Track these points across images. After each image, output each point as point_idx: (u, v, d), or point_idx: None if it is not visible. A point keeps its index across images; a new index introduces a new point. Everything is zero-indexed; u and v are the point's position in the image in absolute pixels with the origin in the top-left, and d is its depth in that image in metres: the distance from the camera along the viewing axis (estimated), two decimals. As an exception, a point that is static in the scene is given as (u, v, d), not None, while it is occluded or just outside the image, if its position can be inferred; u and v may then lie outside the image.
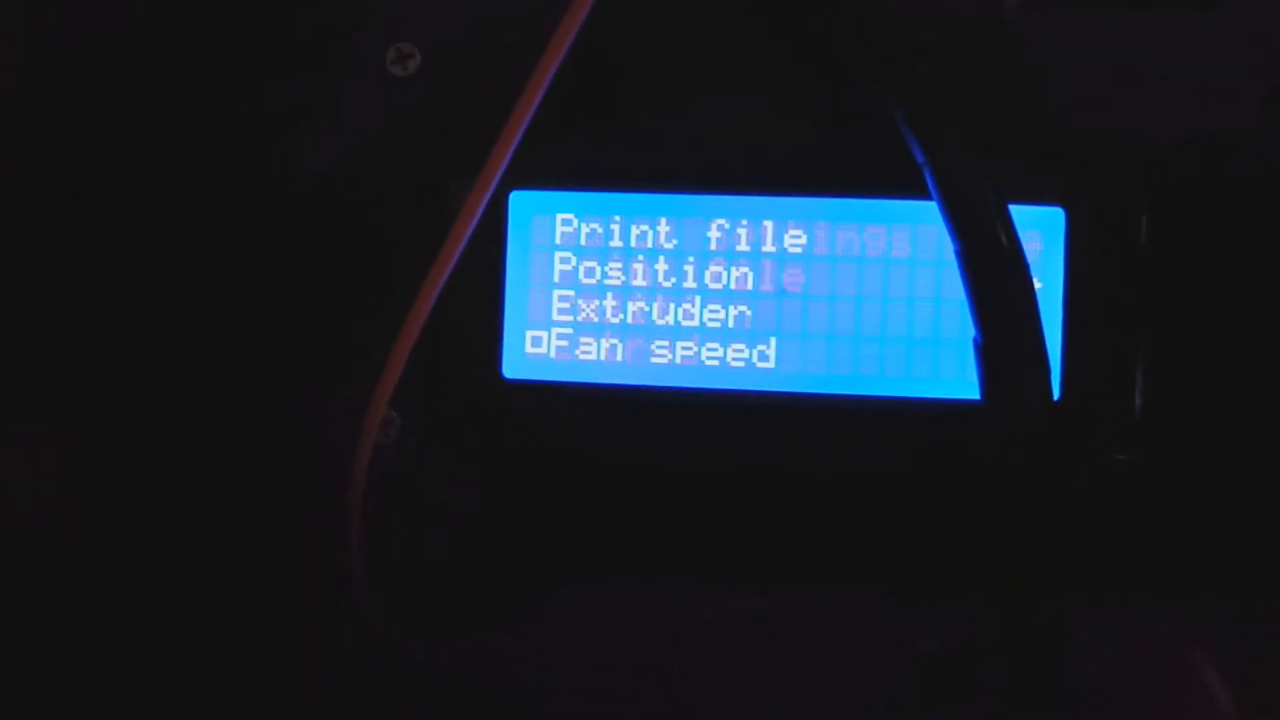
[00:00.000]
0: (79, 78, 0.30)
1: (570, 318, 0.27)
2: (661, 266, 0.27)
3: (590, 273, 0.27)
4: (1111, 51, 0.26)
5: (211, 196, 0.29)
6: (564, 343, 0.27)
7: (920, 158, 0.23)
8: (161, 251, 0.29)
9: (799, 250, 0.27)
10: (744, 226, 0.27)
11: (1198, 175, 0.26)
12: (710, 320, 0.27)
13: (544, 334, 0.27)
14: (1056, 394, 0.26)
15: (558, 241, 0.27)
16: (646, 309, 0.27)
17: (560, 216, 0.27)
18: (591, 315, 0.27)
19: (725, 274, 0.27)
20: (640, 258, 0.27)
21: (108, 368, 0.30)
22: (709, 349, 0.27)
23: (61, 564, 0.30)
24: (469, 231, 0.24)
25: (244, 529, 0.29)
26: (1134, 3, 0.28)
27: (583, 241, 0.27)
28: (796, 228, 0.27)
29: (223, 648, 0.30)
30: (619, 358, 0.27)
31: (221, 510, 0.30)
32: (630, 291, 0.27)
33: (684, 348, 0.27)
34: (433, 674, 0.29)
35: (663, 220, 0.27)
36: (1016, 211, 0.26)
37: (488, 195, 0.24)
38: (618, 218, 0.27)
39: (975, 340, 0.22)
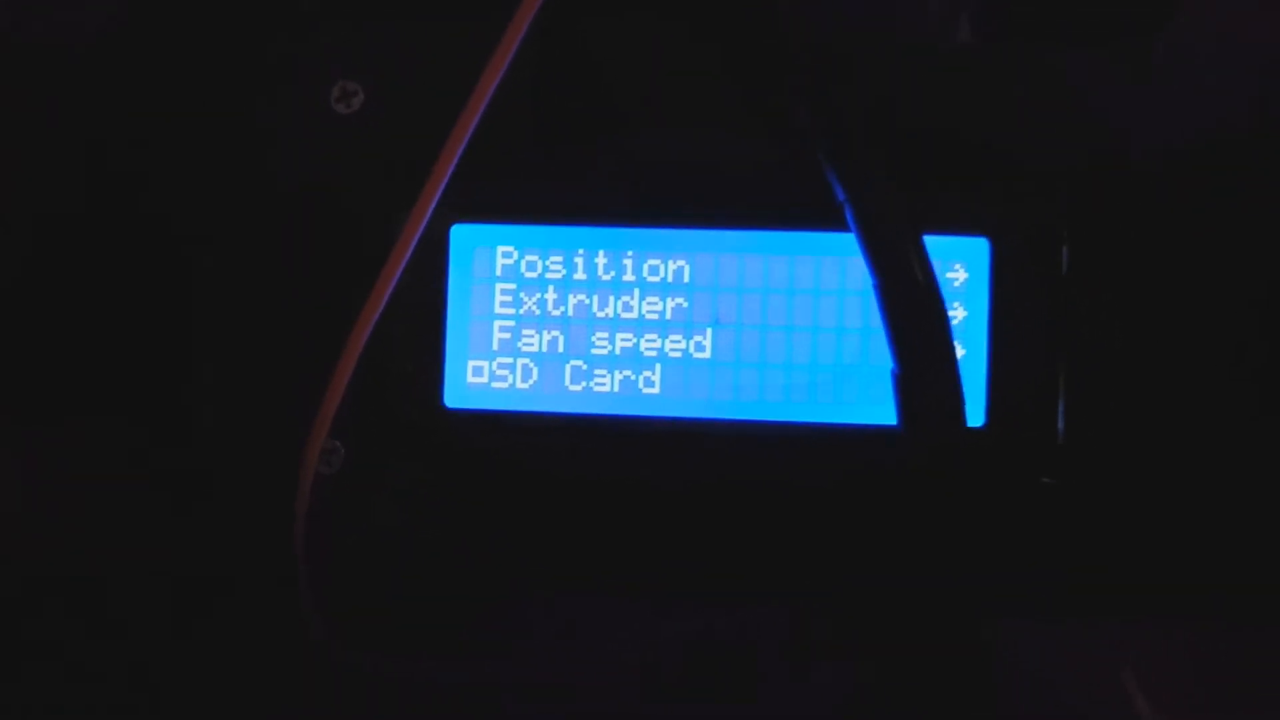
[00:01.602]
0: (39, 109, 0.30)
1: (511, 347, 0.28)
2: (599, 298, 0.28)
3: (531, 304, 0.28)
4: (1035, 90, 0.27)
5: (160, 229, 0.30)
6: (505, 372, 0.28)
7: (841, 195, 0.24)
8: (110, 278, 0.30)
9: (732, 281, 0.27)
10: (680, 259, 0.28)
11: (1116, 209, 0.27)
12: (647, 349, 0.28)
13: (485, 364, 0.28)
14: (982, 419, 0.27)
15: (498, 273, 0.28)
16: (586, 339, 0.28)
17: (501, 249, 0.28)
18: (531, 345, 0.28)
19: (661, 304, 0.28)
20: (579, 290, 0.28)
21: (63, 381, 0.31)
22: (646, 377, 0.28)
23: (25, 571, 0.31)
24: (403, 262, 0.25)
25: (192, 556, 0.30)
26: (1063, 38, 0.29)
27: (523, 273, 0.28)
28: (730, 259, 0.27)
29: (175, 666, 0.31)
30: (558, 387, 0.28)
31: (169, 536, 0.30)
32: (569, 322, 0.28)
33: (622, 376, 0.28)
34: (382, 693, 0.29)
35: (601, 253, 0.28)
36: (943, 242, 0.27)
37: (421, 227, 0.25)
38: (557, 250, 0.28)
39: (893, 371, 0.23)
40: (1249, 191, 0.27)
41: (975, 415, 0.27)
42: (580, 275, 0.28)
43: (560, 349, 0.28)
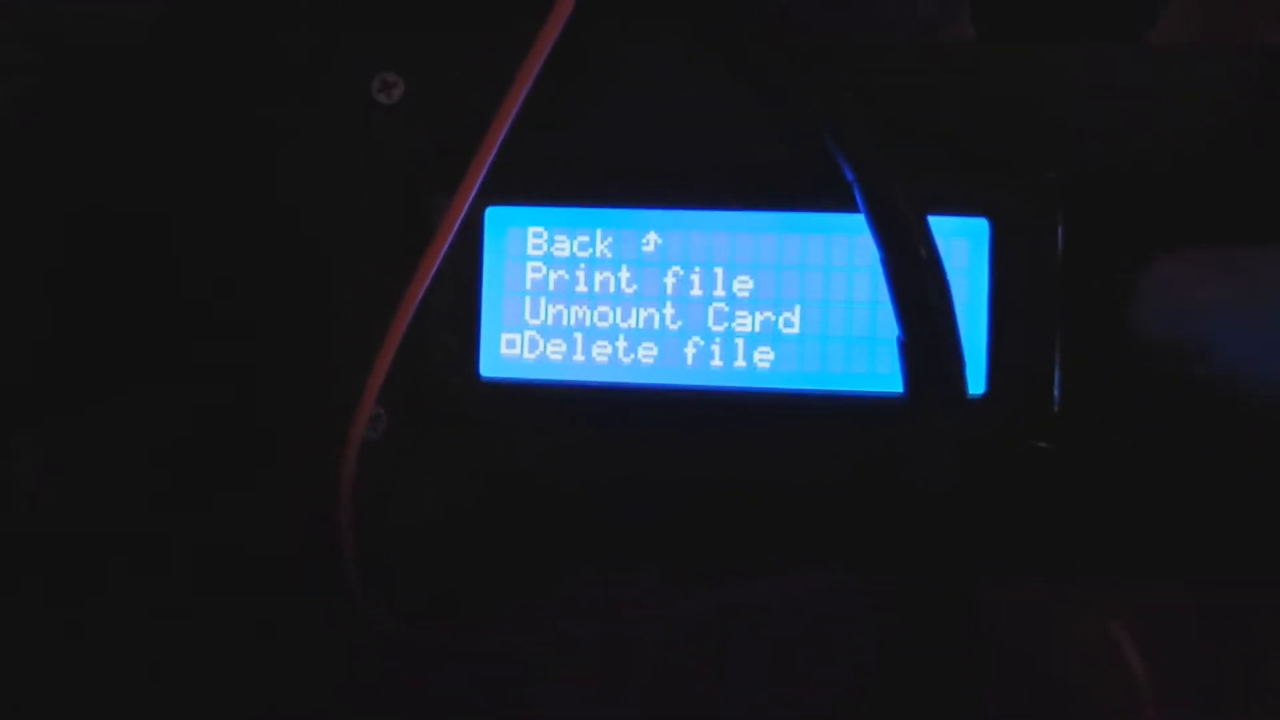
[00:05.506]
0: (72, 106, 0.32)
1: (540, 321, 0.30)
2: (625, 274, 0.30)
3: (560, 281, 0.30)
4: (1033, 82, 0.29)
5: (207, 212, 0.31)
6: (535, 344, 0.30)
7: (849, 176, 0.25)
8: (166, 267, 0.32)
9: (749, 259, 0.29)
10: (701, 237, 0.29)
11: (1107, 190, 0.29)
12: (671, 323, 0.30)
13: (517, 336, 0.30)
14: (983, 387, 0.29)
15: (530, 252, 0.30)
16: (611, 313, 0.30)
17: (532, 230, 0.30)
18: (560, 320, 0.30)
19: (682, 280, 0.29)
20: (605, 267, 0.30)
21: (113, 366, 0.32)
22: (666, 347, 0.29)
23: (64, 549, 0.32)
24: (447, 243, 0.27)
25: (241, 518, 0.31)
26: (1058, 35, 0.31)
27: (553, 252, 0.30)
28: (749, 238, 0.29)
29: (221, 633, 0.32)
30: (585, 358, 0.30)
31: (220, 500, 0.32)
32: (596, 298, 0.30)
33: (645, 348, 0.30)
34: (424, 662, 0.31)
35: (626, 232, 0.30)
36: (947, 222, 0.28)
37: (463, 212, 0.27)
38: (585, 230, 0.30)
39: (899, 339, 0.25)
40: (1243, 172, 0.28)
41: (976, 384, 0.29)
42: (607, 253, 0.30)
43: (588, 322, 0.30)
